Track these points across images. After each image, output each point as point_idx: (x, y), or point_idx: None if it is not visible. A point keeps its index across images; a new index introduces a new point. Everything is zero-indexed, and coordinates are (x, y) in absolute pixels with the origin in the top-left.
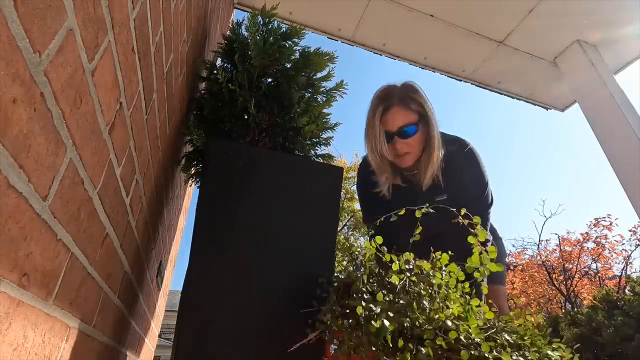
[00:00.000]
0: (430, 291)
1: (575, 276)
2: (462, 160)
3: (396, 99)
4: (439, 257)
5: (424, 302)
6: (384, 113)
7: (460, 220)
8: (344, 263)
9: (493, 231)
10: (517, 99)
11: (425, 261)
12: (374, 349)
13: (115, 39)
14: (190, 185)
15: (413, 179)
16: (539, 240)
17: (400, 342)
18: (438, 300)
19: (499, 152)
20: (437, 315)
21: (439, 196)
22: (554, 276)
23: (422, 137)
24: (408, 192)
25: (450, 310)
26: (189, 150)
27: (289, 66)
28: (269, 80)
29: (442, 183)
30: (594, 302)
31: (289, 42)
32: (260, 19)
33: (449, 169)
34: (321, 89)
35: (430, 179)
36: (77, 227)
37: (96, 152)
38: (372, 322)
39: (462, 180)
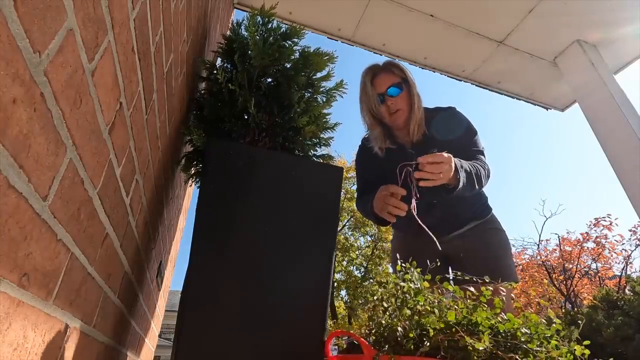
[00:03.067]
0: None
1: (575, 276)
2: (446, 117)
3: (381, 67)
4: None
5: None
6: (373, 78)
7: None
8: (344, 263)
9: (494, 221)
10: (517, 99)
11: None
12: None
13: (115, 39)
14: (190, 185)
15: (403, 139)
16: (539, 240)
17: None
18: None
19: (499, 152)
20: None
21: (430, 151)
22: (554, 276)
23: (407, 96)
24: (399, 152)
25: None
26: (189, 150)
27: (288, 66)
28: (269, 80)
29: (431, 137)
30: (594, 302)
31: (289, 42)
32: (259, 18)
33: (435, 125)
34: (321, 89)
35: (416, 131)
36: (77, 227)
37: (96, 152)
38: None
39: (450, 130)
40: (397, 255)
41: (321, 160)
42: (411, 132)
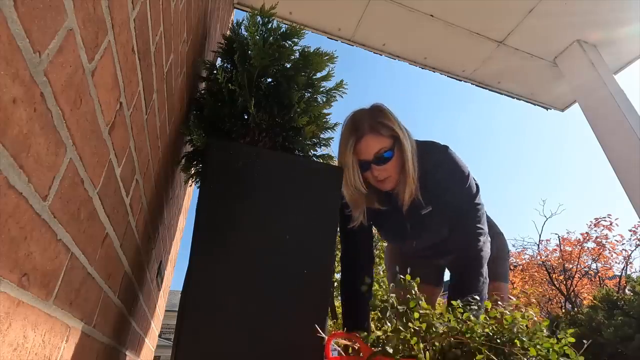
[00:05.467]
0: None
1: (576, 276)
2: (439, 169)
3: (367, 127)
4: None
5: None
6: (356, 144)
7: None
8: None
9: (492, 226)
10: (517, 99)
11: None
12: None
13: (115, 39)
14: (190, 185)
15: (393, 199)
16: (539, 240)
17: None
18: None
19: (499, 152)
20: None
21: (424, 209)
22: (554, 276)
23: (398, 160)
24: (392, 213)
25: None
26: (189, 150)
27: (288, 66)
28: (269, 80)
29: (423, 197)
30: (594, 302)
31: (289, 42)
32: (259, 18)
33: (429, 181)
34: (321, 89)
35: (409, 200)
36: (77, 227)
37: (96, 152)
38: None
39: (442, 187)
40: (397, 268)
41: (321, 160)
42: (404, 201)
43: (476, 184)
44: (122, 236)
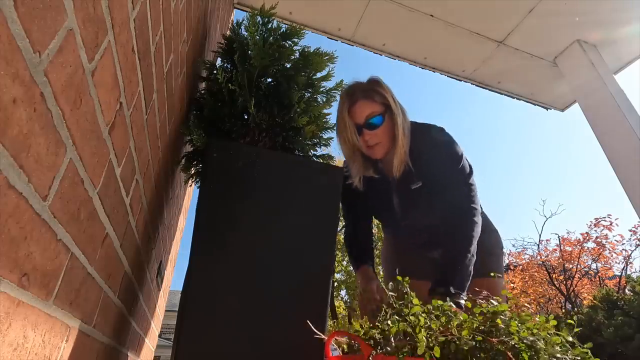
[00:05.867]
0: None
1: (576, 276)
2: (433, 148)
3: (360, 93)
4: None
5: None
6: (350, 107)
7: None
8: (344, 263)
9: (487, 223)
10: (517, 99)
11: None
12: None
13: (115, 39)
14: (190, 185)
15: (385, 169)
16: (539, 240)
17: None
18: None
19: (499, 152)
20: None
21: (414, 184)
22: (554, 276)
23: (389, 127)
24: (381, 182)
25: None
26: (189, 150)
27: (288, 66)
28: (269, 80)
29: (415, 171)
30: (594, 302)
31: (289, 42)
32: (259, 18)
33: (421, 156)
34: (321, 89)
35: (398, 169)
36: (77, 227)
37: (96, 152)
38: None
39: (435, 164)
40: (390, 267)
41: (321, 160)
42: (394, 170)
43: (470, 165)
44: (122, 236)
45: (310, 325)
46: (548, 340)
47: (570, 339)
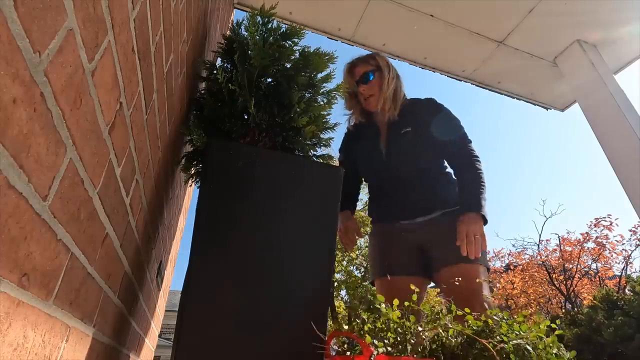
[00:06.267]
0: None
1: (575, 276)
2: (426, 103)
3: (358, 60)
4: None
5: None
6: (351, 70)
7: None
8: (344, 263)
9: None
10: (517, 99)
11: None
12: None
13: (115, 39)
14: (190, 185)
15: (378, 121)
16: (539, 240)
17: None
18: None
19: (499, 152)
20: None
21: (403, 128)
22: (554, 276)
23: (379, 82)
24: (372, 130)
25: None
26: (189, 150)
27: (288, 66)
28: (269, 80)
29: (406, 119)
30: (594, 302)
31: (289, 42)
32: (259, 18)
33: (414, 108)
34: (321, 90)
35: (387, 107)
36: (77, 227)
37: (96, 152)
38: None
39: (427, 115)
40: (378, 266)
41: (321, 160)
42: (379, 107)
43: (467, 135)
44: (122, 236)
45: (312, 325)
46: (537, 344)
47: (556, 350)
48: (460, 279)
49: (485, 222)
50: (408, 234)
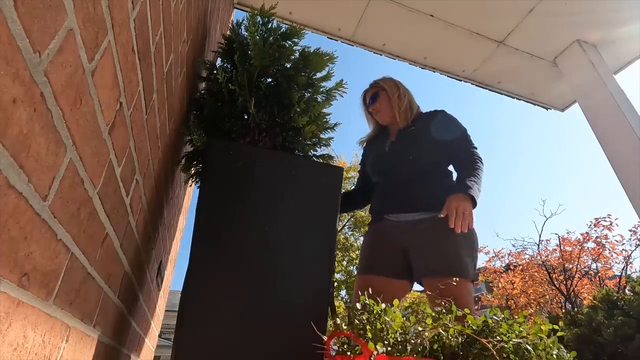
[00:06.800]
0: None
1: (575, 276)
2: (435, 112)
3: (368, 88)
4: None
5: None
6: (363, 97)
7: None
8: (344, 263)
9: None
10: (517, 99)
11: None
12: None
13: (115, 39)
14: (190, 185)
15: (389, 131)
16: (539, 240)
17: None
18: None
19: (499, 152)
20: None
21: (409, 128)
22: (554, 276)
23: (385, 101)
24: (384, 134)
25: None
26: (189, 150)
27: (288, 66)
28: (269, 80)
29: (415, 123)
30: (594, 302)
31: (289, 42)
32: (259, 18)
33: (424, 116)
34: (321, 89)
35: (401, 118)
36: (77, 227)
37: (96, 152)
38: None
39: (432, 120)
40: (364, 256)
41: (321, 160)
42: (393, 119)
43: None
44: (122, 236)
45: (312, 325)
46: (537, 344)
47: (557, 351)
48: (443, 286)
49: (474, 204)
50: (396, 235)
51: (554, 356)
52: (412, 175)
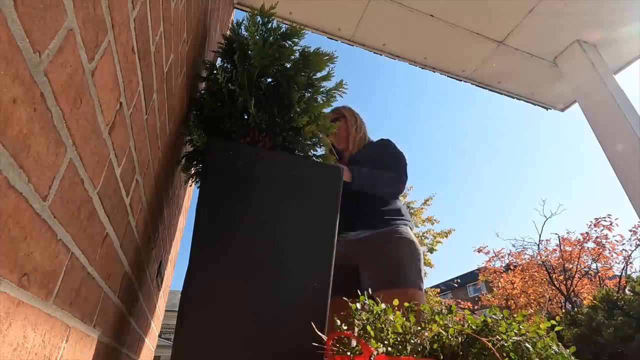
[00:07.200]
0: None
1: (575, 276)
2: (381, 143)
3: (329, 112)
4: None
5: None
6: None
7: None
8: None
9: (407, 232)
10: (517, 99)
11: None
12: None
13: (115, 39)
14: (190, 185)
15: (342, 154)
16: (539, 240)
17: None
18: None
19: (499, 152)
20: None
21: (357, 155)
22: (554, 276)
23: (344, 127)
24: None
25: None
26: (189, 150)
27: (288, 66)
28: (269, 80)
29: (360, 151)
30: (594, 302)
31: (289, 42)
32: (259, 18)
33: (369, 145)
34: (321, 89)
35: (350, 143)
36: (77, 227)
37: (96, 152)
38: None
39: (375, 147)
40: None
41: (321, 160)
42: (349, 145)
43: (406, 164)
44: (122, 236)
45: (312, 325)
46: (537, 342)
47: (556, 347)
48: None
49: (351, 178)
50: (347, 253)
51: (553, 352)
52: (357, 197)
